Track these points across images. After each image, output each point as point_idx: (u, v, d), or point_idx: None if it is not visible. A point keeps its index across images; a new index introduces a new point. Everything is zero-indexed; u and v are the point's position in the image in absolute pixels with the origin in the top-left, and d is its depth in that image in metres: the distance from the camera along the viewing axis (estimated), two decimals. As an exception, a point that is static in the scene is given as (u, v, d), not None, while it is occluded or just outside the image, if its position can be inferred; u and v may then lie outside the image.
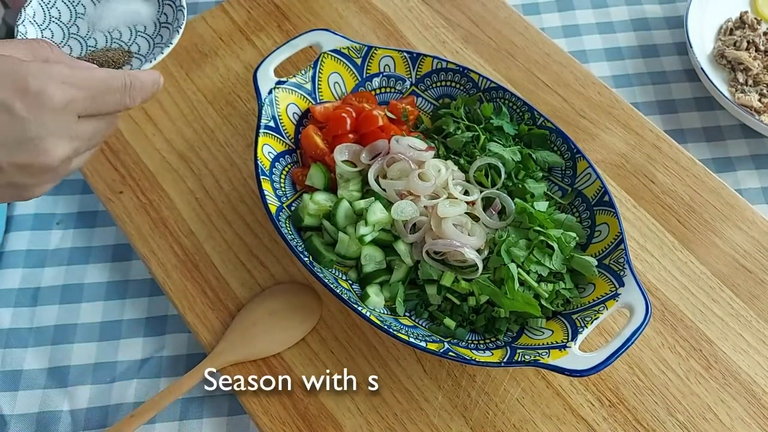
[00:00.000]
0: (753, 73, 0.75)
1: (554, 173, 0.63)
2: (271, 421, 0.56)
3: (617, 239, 0.57)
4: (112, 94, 0.45)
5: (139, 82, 0.46)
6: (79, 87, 0.42)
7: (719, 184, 0.67)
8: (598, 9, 0.85)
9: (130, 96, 0.46)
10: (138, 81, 0.46)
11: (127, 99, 0.46)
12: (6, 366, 0.61)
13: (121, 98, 0.45)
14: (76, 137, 0.43)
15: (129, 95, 0.46)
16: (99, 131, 0.45)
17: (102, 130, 0.46)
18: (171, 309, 0.64)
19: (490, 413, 0.56)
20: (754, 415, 0.56)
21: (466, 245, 0.56)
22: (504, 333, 0.56)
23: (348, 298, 0.54)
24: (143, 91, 0.47)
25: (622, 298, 0.53)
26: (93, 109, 0.44)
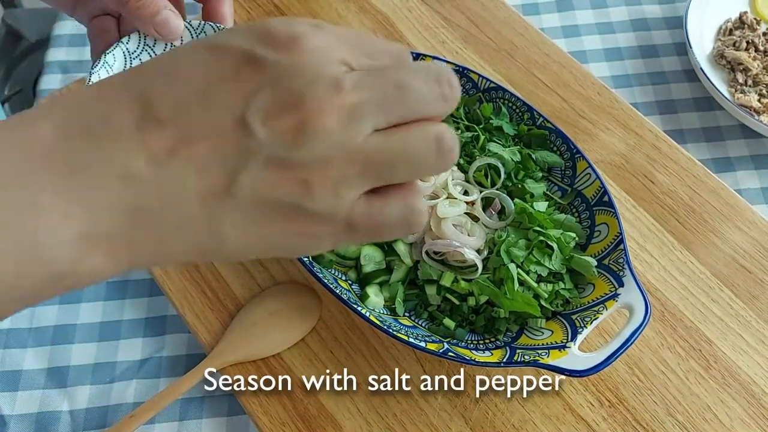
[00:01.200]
0: (752, 73, 0.75)
1: (554, 173, 0.63)
2: (271, 422, 0.56)
3: (617, 239, 0.57)
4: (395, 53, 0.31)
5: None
6: (345, 41, 0.30)
7: (719, 185, 0.67)
8: (597, 9, 0.85)
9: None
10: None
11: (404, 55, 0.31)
12: (5, 366, 0.61)
13: (398, 53, 0.31)
14: (355, 86, 0.28)
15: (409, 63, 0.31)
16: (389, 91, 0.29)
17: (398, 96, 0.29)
18: (170, 309, 0.64)
19: (490, 413, 0.56)
20: (753, 415, 0.56)
21: (465, 245, 0.56)
22: (503, 333, 0.56)
23: (347, 298, 0.54)
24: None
25: (621, 298, 0.53)
26: (365, 61, 0.30)
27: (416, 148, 0.29)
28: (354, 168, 0.28)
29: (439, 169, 0.30)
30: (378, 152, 0.28)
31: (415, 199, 0.31)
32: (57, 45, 0.82)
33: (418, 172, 0.30)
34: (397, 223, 0.31)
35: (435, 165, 0.30)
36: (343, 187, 0.28)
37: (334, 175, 0.28)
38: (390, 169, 0.29)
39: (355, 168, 0.28)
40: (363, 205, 0.29)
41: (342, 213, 0.29)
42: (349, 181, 0.28)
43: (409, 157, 0.29)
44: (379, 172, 0.29)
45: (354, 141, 0.28)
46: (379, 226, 0.30)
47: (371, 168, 0.28)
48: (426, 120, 0.30)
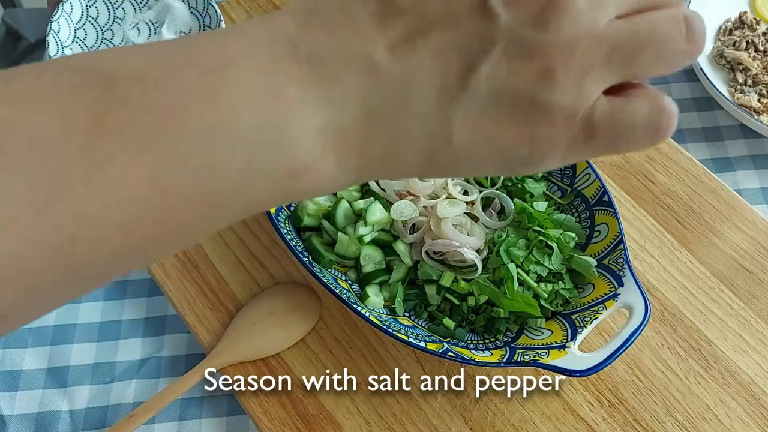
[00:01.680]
0: (752, 73, 0.75)
1: (553, 173, 0.63)
2: (271, 422, 0.56)
3: (616, 239, 0.57)
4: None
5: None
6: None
7: (718, 185, 0.67)
8: (597, 9, 0.85)
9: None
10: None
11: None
12: (5, 366, 0.61)
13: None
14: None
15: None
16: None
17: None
18: (170, 309, 0.64)
19: (490, 413, 0.56)
20: (753, 415, 0.56)
21: (465, 245, 0.56)
22: (503, 333, 0.56)
23: (347, 298, 0.54)
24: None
25: (621, 298, 0.53)
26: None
27: (665, 29, 0.26)
28: (599, 53, 0.26)
29: (689, 56, 0.27)
30: (624, 35, 0.26)
31: (662, 98, 0.28)
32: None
33: (666, 59, 0.27)
34: (645, 123, 0.27)
35: (684, 49, 0.27)
36: (587, 77, 0.26)
37: (578, 62, 0.25)
38: (637, 55, 0.26)
39: (600, 53, 0.26)
40: (605, 102, 0.27)
41: (583, 109, 0.26)
42: (593, 71, 0.26)
43: (657, 39, 0.26)
44: (625, 58, 0.26)
45: (598, 24, 0.25)
46: (624, 128, 0.27)
47: (617, 54, 0.26)
48: (668, 5, 0.27)
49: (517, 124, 0.26)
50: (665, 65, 0.27)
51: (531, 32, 0.25)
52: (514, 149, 0.27)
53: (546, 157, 0.28)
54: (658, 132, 0.27)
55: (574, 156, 0.28)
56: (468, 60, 0.25)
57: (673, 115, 0.27)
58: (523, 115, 0.26)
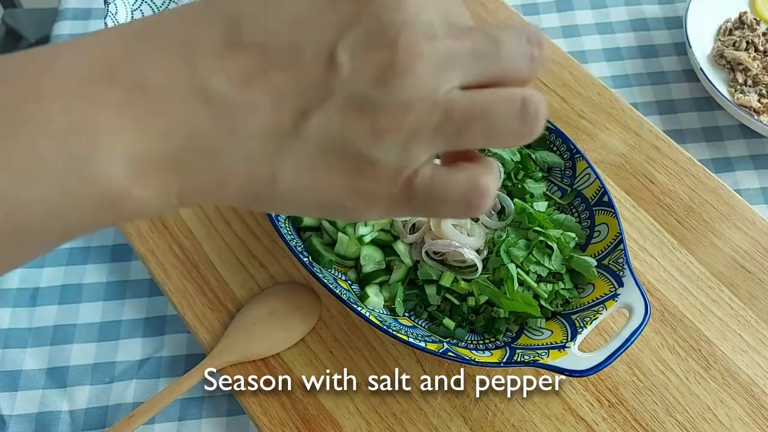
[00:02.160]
0: (752, 73, 0.75)
1: (553, 173, 0.63)
2: (271, 422, 0.56)
3: (616, 239, 0.57)
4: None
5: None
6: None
7: (718, 185, 0.67)
8: (597, 9, 0.85)
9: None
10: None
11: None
12: (5, 366, 0.61)
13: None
14: (450, 35, 0.26)
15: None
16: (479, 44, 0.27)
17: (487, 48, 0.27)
18: (170, 309, 0.64)
19: (489, 413, 0.56)
20: (753, 415, 0.56)
21: (465, 245, 0.56)
22: (503, 333, 0.56)
23: (347, 298, 0.54)
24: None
25: (621, 298, 0.53)
26: (461, 19, 0.27)
27: (500, 108, 0.27)
28: (431, 120, 0.26)
29: (521, 137, 0.27)
30: (459, 106, 0.26)
31: (484, 177, 0.28)
32: (56, 45, 0.82)
33: (496, 136, 0.27)
34: (459, 199, 0.28)
35: (516, 130, 0.27)
36: (414, 140, 0.26)
37: (409, 125, 0.26)
38: (467, 128, 0.26)
39: (432, 120, 0.26)
40: (428, 170, 0.27)
41: (406, 172, 0.27)
42: (422, 135, 0.26)
43: (490, 116, 0.26)
44: (455, 129, 0.26)
45: (438, 91, 0.26)
46: (438, 198, 0.28)
47: (448, 123, 0.26)
48: (514, 84, 0.27)
49: (343, 176, 0.27)
50: (496, 141, 0.27)
51: (370, 89, 0.25)
52: (336, 199, 0.28)
53: (366, 210, 0.28)
54: (470, 208, 0.28)
55: (395, 212, 0.29)
56: (304, 106, 0.25)
57: (486, 195, 0.28)
58: (350, 168, 0.26)
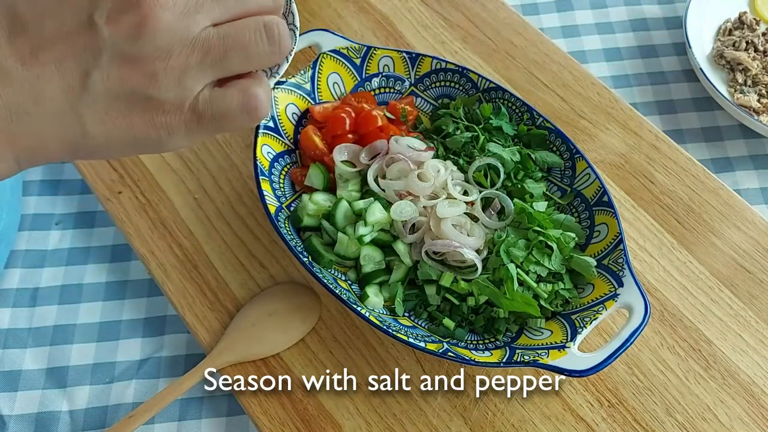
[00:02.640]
0: (752, 73, 0.75)
1: (553, 173, 0.63)
2: (270, 422, 0.56)
3: (616, 239, 0.57)
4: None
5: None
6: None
7: (718, 185, 0.67)
8: (596, 9, 0.85)
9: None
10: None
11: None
12: (5, 366, 0.61)
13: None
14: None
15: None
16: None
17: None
18: (170, 309, 0.64)
19: (489, 413, 0.56)
20: (753, 415, 0.56)
21: (465, 245, 0.56)
22: (503, 333, 0.56)
23: (347, 298, 0.54)
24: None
25: (621, 298, 0.53)
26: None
27: (246, 35, 0.33)
28: (193, 57, 0.32)
29: (272, 56, 0.34)
30: (213, 41, 0.32)
31: (254, 87, 0.34)
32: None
33: (251, 60, 0.34)
34: (237, 108, 0.34)
35: (266, 52, 0.34)
36: (186, 76, 0.32)
37: (176, 65, 0.32)
38: (225, 58, 0.33)
39: (194, 57, 0.32)
40: (206, 93, 0.34)
41: (189, 100, 0.33)
42: (190, 71, 0.32)
43: (240, 45, 0.33)
44: (216, 60, 0.33)
45: (191, 32, 0.32)
46: (221, 112, 0.34)
47: (208, 57, 0.32)
48: (260, 14, 0.34)
49: (139, 114, 0.33)
50: (253, 64, 0.34)
51: (130, 45, 0.31)
52: (141, 133, 0.34)
53: (171, 138, 0.35)
54: (250, 112, 0.34)
55: (195, 135, 0.35)
56: (83, 67, 0.32)
57: (259, 99, 0.34)
58: (142, 107, 0.33)
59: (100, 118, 0.33)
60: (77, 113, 0.33)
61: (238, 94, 0.34)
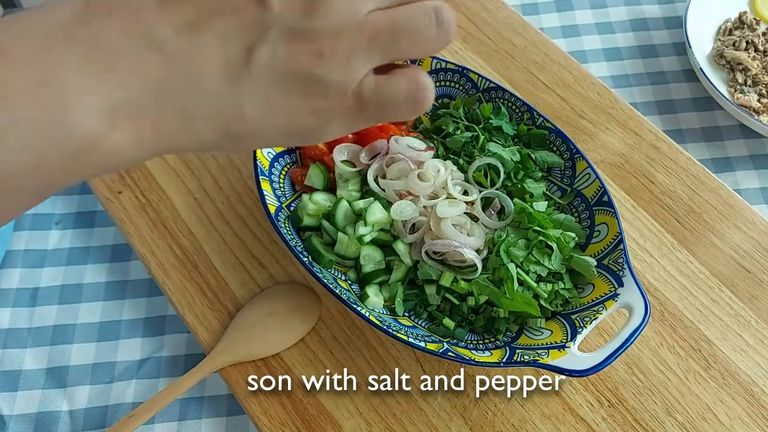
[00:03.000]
0: (752, 73, 0.75)
1: (553, 173, 0.63)
2: (270, 422, 0.56)
3: (616, 239, 0.57)
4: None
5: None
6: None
7: (718, 184, 0.67)
8: (596, 9, 0.85)
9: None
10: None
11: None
12: (5, 366, 0.61)
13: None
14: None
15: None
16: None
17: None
18: (170, 309, 0.64)
19: (489, 413, 0.56)
20: (753, 415, 0.56)
21: (465, 245, 0.56)
22: (503, 333, 0.56)
23: (347, 298, 0.54)
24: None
25: (621, 298, 0.53)
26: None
27: (416, 19, 0.31)
28: (362, 38, 0.30)
29: (439, 42, 0.32)
30: (382, 24, 0.30)
31: (420, 75, 0.32)
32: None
33: (420, 44, 0.31)
34: (405, 97, 0.32)
35: (435, 37, 0.31)
36: (353, 57, 0.30)
37: (345, 45, 0.29)
38: (393, 41, 0.30)
39: (362, 38, 0.30)
40: (372, 79, 0.31)
41: (353, 85, 0.31)
42: (358, 53, 0.30)
43: (409, 28, 0.31)
44: (384, 43, 0.30)
45: (360, 12, 0.29)
46: (388, 101, 0.32)
47: (377, 39, 0.30)
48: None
49: (299, 98, 0.30)
50: (420, 49, 0.31)
51: (301, 20, 0.29)
52: (299, 120, 0.31)
53: (329, 125, 0.32)
54: (417, 102, 0.32)
55: (353, 124, 0.32)
56: (248, 43, 0.29)
57: (428, 89, 0.32)
58: (303, 90, 0.30)
59: (259, 99, 0.30)
60: (235, 93, 0.29)
61: (406, 81, 0.32)
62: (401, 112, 0.32)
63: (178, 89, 0.28)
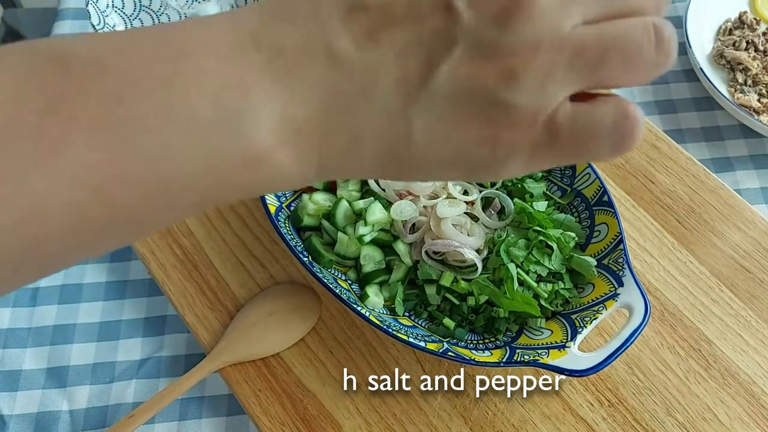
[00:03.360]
0: (752, 73, 0.75)
1: (553, 173, 0.63)
2: (270, 422, 0.56)
3: (616, 239, 0.57)
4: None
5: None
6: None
7: (718, 184, 0.67)
8: (597, 9, 0.85)
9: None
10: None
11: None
12: (5, 366, 0.61)
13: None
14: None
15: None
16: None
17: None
18: (170, 309, 0.64)
19: (489, 413, 0.56)
20: (753, 415, 0.56)
21: (465, 245, 0.56)
22: (503, 333, 0.56)
23: (347, 298, 0.54)
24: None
25: (621, 298, 0.53)
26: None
27: (632, 36, 0.26)
28: (563, 57, 0.25)
29: (655, 68, 0.26)
30: (589, 39, 0.25)
31: (629, 105, 0.27)
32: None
33: (633, 67, 0.26)
34: (610, 128, 0.26)
35: (652, 59, 0.26)
36: (549, 79, 0.25)
37: (540, 64, 0.25)
38: (602, 61, 0.25)
39: (564, 57, 0.25)
40: (569, 107, 0.26)
41: (545, 112, 0.26)
42: (556, 74, 0.25)
43: (623, 46, 0.25)
44: (590, 63, 0.25)
45: (563, 27, 0.25)
46: (588, 133, 0.26)
47: (581, 58, 0.25)
48: (640, 14, 0.26)
49: (479, 125, 0.26)
50: (632, 74, 0.26)
51: (493, 32, 0.24)
52: (475, 151, 0.27)
53: (509, 161, 0.27)
54: (623, 139, 0.27)
55: (538, 162, 0.27)
56: (430, 57, 0.25)
57: (638, 122, 0.26)
58: (485, 115, 0.26)
59: (431, 123, 0.26)
60: (408, 114, 0.26)
61: (613, 110, 0.26)
62: (602, 147, 0.27)
63: (351, 107, 0.26)
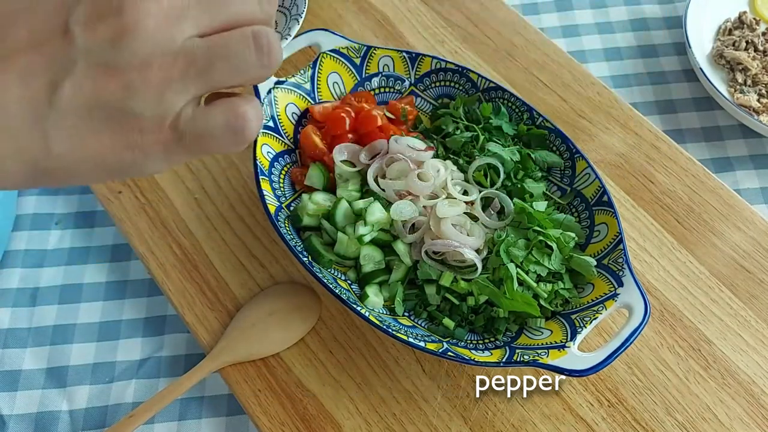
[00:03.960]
0: (752, 73, 0.75)
1: (553, 173, 0.63)
2: (270, 422, 0.56)
3: (616, 239, 0.57)
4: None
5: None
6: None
7: (718, 184, 0.67)
8: (596, 9, 0.85)
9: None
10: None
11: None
12: (5, 366, 0.61)
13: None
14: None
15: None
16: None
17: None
18: (170, 309, 0.64)
19: (489, 413, 0.56)
20: (753, 415, 0.56)
21: (465, 245, 0.56)
22: (503, 333, 0.56)
23: (347, 298, 0.54)
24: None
25: (621, 298, 0.53)
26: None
27: (234, 45, 0.29)
28: (175, 69, 0.29)
29: (261, 69, 0.30)
30: (197, 52, 0.29)
31: (242, 105, 0.31)
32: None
33: (240, 71, 0.30)
34: (222, 128, 0.30)
35: (255, 63, 0.30)
36: (167, 89, 0.29)
37: (156, 76, 0.28)
38: (209, 69, 0.29)
39: (176, 69, 0.29)
40: (189, 111, 0.30)
41: (169, 117, 0.29)
42: (172, 84, 0.29)
43: (228, 54, 0.29)
44: (200, 72, 0.29)
45: (174, 42, 0.28)
46: (204, 132, 0.30)
47: (192, 68, 0.29)
48: (249, 25, 0.30)
49: (113, 133, 0.29)
50: (243, 76, 0.30)
51: (110, 52, 0.28)
52: (114, 155, 0.30)
53: (148, 161, 0.30)
54: (236, 135, 0.30)
55: (175, 158, 0.31)
56: (52, 79, 0.28)
57: (248, 119, 0.30)
58: (116, 124, 0.29)
59: (67, 135, 0.29)
60: (41, 130, 0.28)
61: (223, 111, 0.30)
62: (222, 143, 0.31)
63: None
